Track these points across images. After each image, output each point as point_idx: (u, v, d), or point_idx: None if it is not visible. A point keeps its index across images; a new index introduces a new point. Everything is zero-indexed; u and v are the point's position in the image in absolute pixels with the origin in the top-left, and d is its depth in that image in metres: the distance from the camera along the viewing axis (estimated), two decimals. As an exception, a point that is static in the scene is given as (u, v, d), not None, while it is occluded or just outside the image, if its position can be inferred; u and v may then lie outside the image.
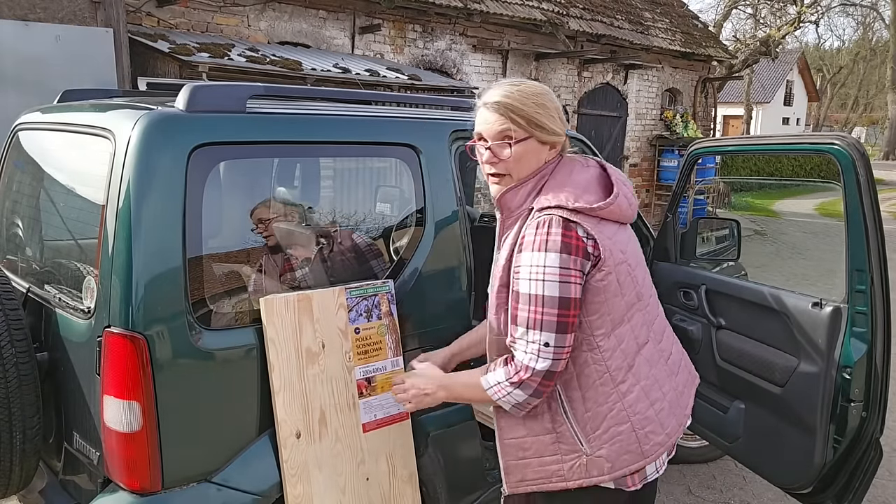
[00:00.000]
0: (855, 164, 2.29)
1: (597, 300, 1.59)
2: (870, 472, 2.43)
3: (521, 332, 1.58)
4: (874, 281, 2.30)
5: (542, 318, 1.55)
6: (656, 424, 1.69)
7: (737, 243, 3.41)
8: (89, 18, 5.11)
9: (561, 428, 1.66)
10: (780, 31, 19.19)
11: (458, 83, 8.22)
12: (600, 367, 1.63)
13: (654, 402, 1.69)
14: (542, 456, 1.69)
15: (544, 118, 1.63)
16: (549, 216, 1.57)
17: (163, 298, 1.82)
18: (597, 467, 1.65)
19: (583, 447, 1.65)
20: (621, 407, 1.64)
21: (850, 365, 2.32)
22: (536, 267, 1.55)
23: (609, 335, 1.63)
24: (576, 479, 1.67)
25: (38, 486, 2.22)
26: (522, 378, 1.58)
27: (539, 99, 1.63)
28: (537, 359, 1.56)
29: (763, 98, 33.62)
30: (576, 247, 1.55)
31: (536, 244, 1.55)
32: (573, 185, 1.62)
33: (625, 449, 1.65)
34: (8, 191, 2.66)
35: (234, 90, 2.05)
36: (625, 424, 1.65)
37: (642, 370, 1.68)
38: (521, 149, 1.63)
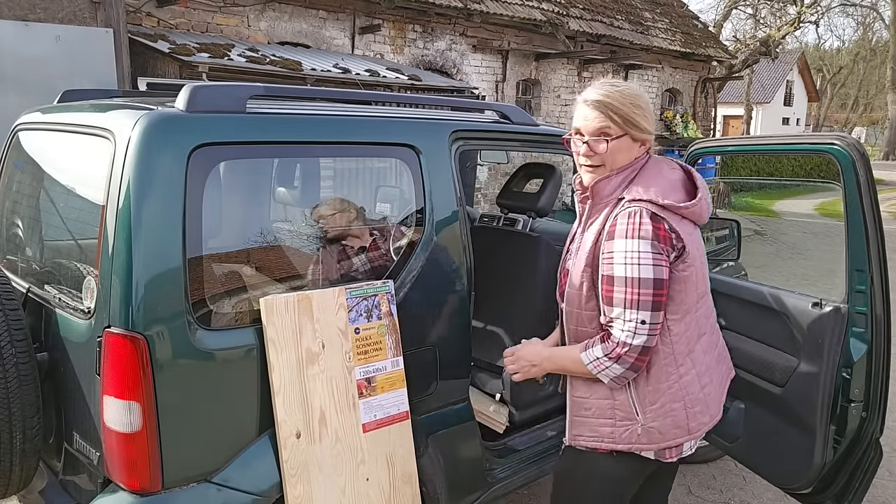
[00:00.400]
0: (855, 164, 2.29)
1: (676, 288, 1.77)
2: (870, 472, 2.43)
3: (619, 312, 1.73)
4: (874, 281, 2.30)
5: (638, 299, 1.70)
6: (704, 406, 1.88)
7: (737, 243, 3.41)
8: (89, 18, 5.12)
9: (620, 397, 1.83)
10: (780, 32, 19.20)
11: (458, 83, 8.22)
12: (667, 349, 1.80)
13: (705, 386, 1.88)
14: (599, 418, 1.87)
15: (639, 118, 1.78)
16: (640, 208, 1.73)
17: (163, 298, 1.82)
18: (648, 436, 1.84)
19: (638, 417, 1.83)
20: (679, 387, 1.83)
21: (850, 365, 2.32)
22: (631, 252, 1.70)
23: (680, 321, 1.81)
24: (626, 443, 1.85)
25: (38, 486, 2.22)
26: (620, 353, 1.74)
27: (636, 100, 1.78)
28: (634, 335, 1.72)
29: (763, 98, 33.62)
30: (664, 237, 1.72)
31: (630, 232, 1.71)
32: (662, 183, 1.78)
33: (675, 424, 1.84)
34: (8, 191, 2.66)
35: (234, 90, 2.05)
36: (678, 402, 1.83)
37: (699, 357, 1.86)
38: (616, 145, 1.78)
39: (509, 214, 3.67)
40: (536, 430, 2.95)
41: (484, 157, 4.74)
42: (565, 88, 10.49)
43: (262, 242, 2.29)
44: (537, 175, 3.39)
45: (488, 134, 2.73)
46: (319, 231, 2.48)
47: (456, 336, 2.47)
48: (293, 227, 2.57)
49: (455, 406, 2.51)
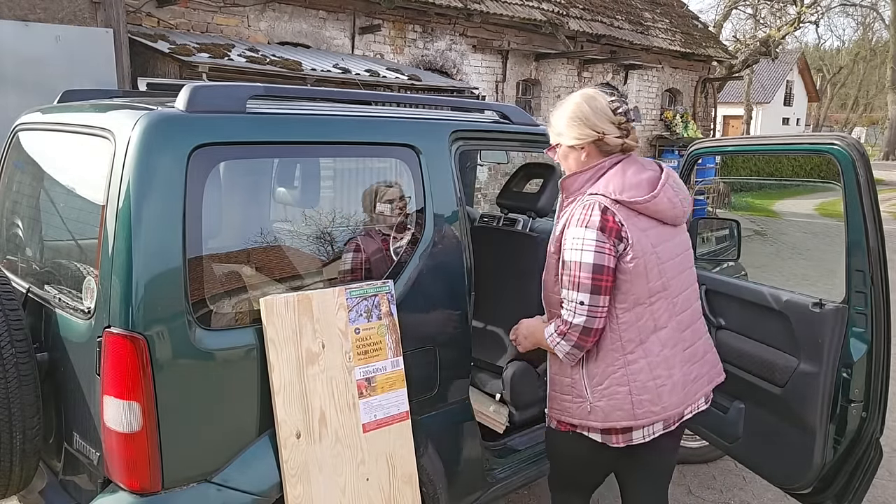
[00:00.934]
0: (855, 164, 2.29)
1: (623, 278, 1.91)
2: (870, 472, 2.43)
3: (565, 294, 1.94)
4: (874, 281, 2.30)
5: (579, 281, 1.89)
6: (654, 395, 1.98)
7: (737, 243, 3.41)
8: (89, 19, 5.11)
9: (575, 376, 2.03)
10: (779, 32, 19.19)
11: (458, 83, 8.22)
12: (615, 335, 1.96)
13: (657, 377, 1.98)
14: (562, 394, 2.08)
15: (567, 128, 2.00)
16: (594, 201, 1.91)
17: (163, 298, 1.82)
18: (594, 414, 2.00)
19: (587, 395, 2.00)
20: (624, 372, 1.96)
21: (850, 365, 2.32)
22: (577, 239, 1.90)
23: (629, 311, 1.94)
24: (578, 418, 2.04)
25: (38, 486, 2.22)
26: (564, 331, 1.94)
27: (566, 113, 2.00)
28: (574, 314, 1.91)
29: (763, 98, 33.60)
30: (610, 228, 1.88)
31: (580, 221, 1.90)
32: (623, 182, 1.94)
33: (619, 407, 1.98)
34: (8, 191, 2.66)
35: (234, 90, 2.05)
36: (624, 387, 1.97)
37: (653, 348, 1.98)
38: (558, 153, 2.07)
39: (509, 214, 3.67)
40: (536, 430, 2.95)
41: (484, 157, 4.74)
42: (565, 88, 10.49)
43: (262, 242, 2.28)
44: (537, 175, 3.39)
45: (488, 134, 2.73)
46: (372, 218, 2.54)
47: (456, 336, 2.47)
48: (293, 227, 2.57)
49: (455, 406, 2.51)
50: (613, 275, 1.89)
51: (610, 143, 1.98)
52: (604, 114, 1.97)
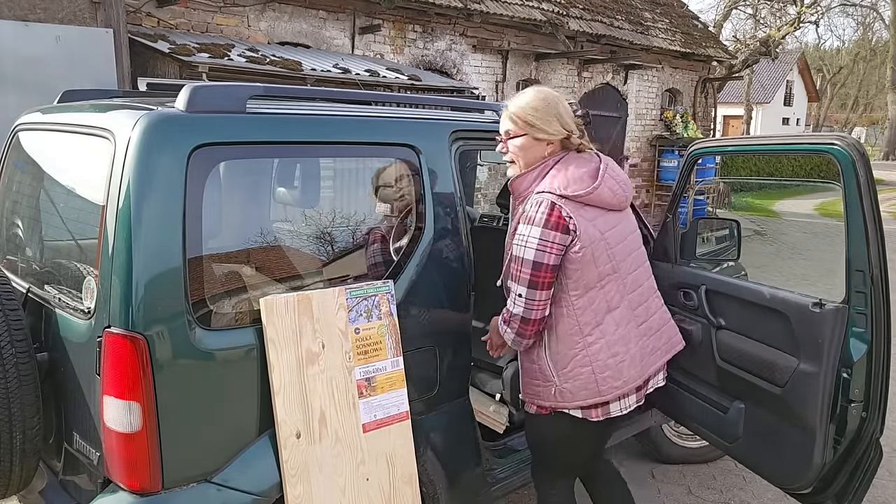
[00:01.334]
0: (855, 164, 2.29)
1: (573, 267, 2.05)
2: (870, 472, 2.43)
3: (510, 284, 2.10)
4: (874, 281, 2.29)
5: (520, 275, 2.04)
6: (615, 371, 2.15)
7: (737, 243, 3.40)
8: (89, 19, 5.11)
9: (540, 362, 2.18)
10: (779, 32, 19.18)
11: (458, 83, 8.22)
12: (572, 321, 2.11)
13: (616, 354, 2.15)
14: (532, 380, 2.22)
15: (537, 121, 2.08)
16: (542, 198, 2.03)
17: (163, 298, 1.82)
18: (562, 396, 2.16)
19: (554, 378, 2.15)
20: (585, 354, 2.12)
21: (850, 365, 2.32)
22: (523, 236, 2.03)
23: (582, 296, 2.09)
24: (550, 401, 2.19)
25: (38, 486, 2.22)
26: (507, 319, 2.13)
27: (537, 104, 2.09)
28: (514, 305, 2.09)
29: (763, 98, 33.60)
30: (556, 223, 2.00)
31: (527, 218, 2.03)
32: (567, 176, 2.06)
33: (584, 386, 2.14)
34: (8, 191, 2.66)
35: (234, 90, 2.05)
36: (586, 367, 2.13)
37: (609, 328, 2.14)
38: (519, 142, 2.12)
39: (509, 214, 3.67)
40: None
41: (484, 157, 4.75)
42: (565, 88, 10.49)
43: (262, 242, 2.28)
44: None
45: (488, 134, 2.73)
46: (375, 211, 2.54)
47: (456, 336, 2.47)
48: (293, 227, 2.57)
49: (455, 406, 2.51)
50: (552, 271, 2.03)
51: (573, 143, 2.12)
52: (571, 114, 2.13)
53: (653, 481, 3.60)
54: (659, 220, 4.35)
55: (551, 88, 2.18)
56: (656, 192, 12.27)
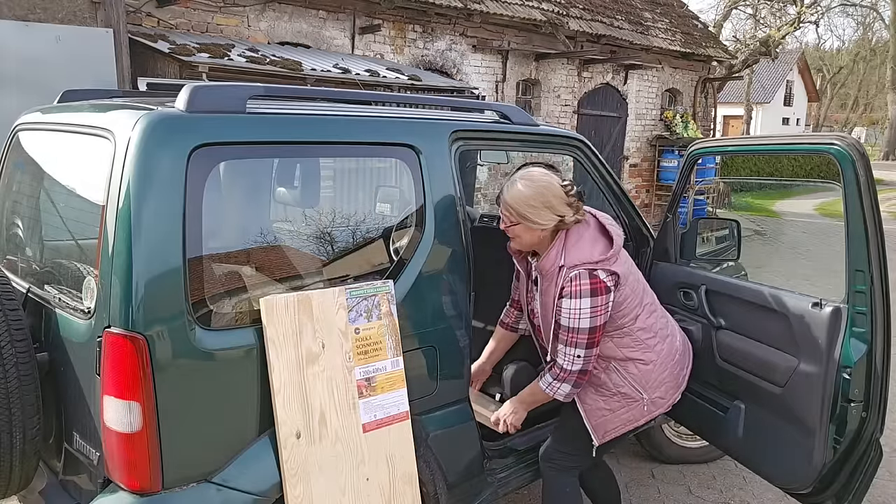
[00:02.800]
0: (855, 164, 2.29)
1: (625, 304, 2.31)
2: (870, 472, 2.43)
3: (562, 349, 2.27)
4: (874, 281, 2.29)
5: (576, 341, 2.24)
6: (682, 363, 2.51)
7: (737, 243, 3.40)
8: (89, 19, 5.12)
9: (624, 389, 2.38)
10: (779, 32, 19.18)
11: (458, 83, 8.22)
12: (638, 343, 2.37)
13: (676, 349, 2.48)
14: (615, 411, 2.40)
15: (530, 214, 2.24)
16: (577, 272, 2.21)
17: (163, 298, 1.82)
18: (655, 405, 2.42)
19: (643, 395, 2.39)
20: (659, 362, 2.40)
21: (850, 365, 2.32)
22: (573, 310, 2.21)
23: (635, 320, 2.36)
24: (643, 417, 2.43)
25: (38, 486, 2.22)
26: (564, 377, 2.29)
27: (529, 200, 2.23)
28: (572, 363, 2.27)
29: (763, 98, 33.60)
30: (600, 289, 2.21)
31: (573, 293, 2.20)
32: (587, 244, 2.26)
33: (670, 386, 2.45)
34: (8, 191, 2.66)
35: (234, 90, 2.05)
36: (665, 371, 2.42)
37: (661, 330, 2.43)
38: (515, 230, 2.31)
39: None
40: (536, 430, 2.95)
41: (484, 157, 4.74)
42: (565, 88, 10.49)
43: (263, 242, 2.28)
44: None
45: (488, 134, 2.73)
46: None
47: (456, 336, 2.47)
48: (293, 227, 2.57)
49: (455, 406, 2.52)
50: (604, 327, 2.27)
51: (567, 223, 2.27)
52: (562, 199, 2.25)
53: (653, 481, 3.60)
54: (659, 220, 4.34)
55: (542, 170, 2.33)
56: (656, 192, 12.27)
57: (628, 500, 3.34)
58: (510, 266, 2.69)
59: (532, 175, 2.30)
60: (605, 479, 2.85)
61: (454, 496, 2.50)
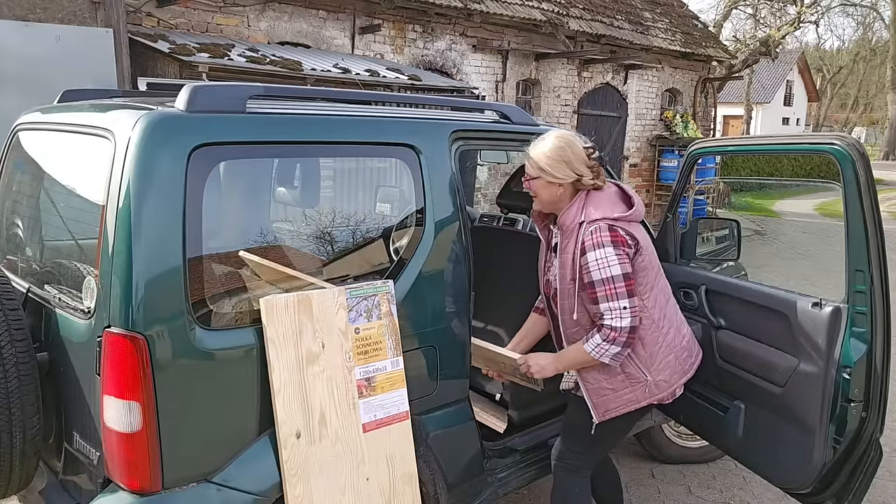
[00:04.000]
0: (855, 164, 2.29)
1: (641, 275, 2.28)
2: (869, 472, 2.43)
3: (605, 307, 2.19)
4: (874, 281, 2.30)
5: (616, 291, 2.18)
6: (688, 350, 2.47)
7: (737, 243, 3.40)
8: (89, 19, 5.12)
9: (629, 369, 2.33)
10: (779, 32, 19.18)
11: (458, 83, 8.22)
12: (648, 321, 2.31)
13: (684, 336, 2.46)
14: (618, 391, 2.35)
15: (550, 168, 2.26)
16: (597, 225, 2.21)
17: (163, 298, 1.82)
18: (658, 388, 2.37)
19: (647, 377, 2.35)
20: (666, 343, 2.37)
21: (850, 365, 2.32)
22: (600, 259, 2.18)
23: (650, 297, 2.32)
24: (645, 399, 2.37)
25: (38, 486, 2.22)
26: (615, 336, 2.19)
27: (551, 153, 2.26)
28: (621, 319, 2.18)
29: (763, 98, 33.59)
30: (621, 241, 2.21)
31: (595, 244, 2.19)
32: (606, 203, 2.28)
33: (674, 371, 2.40)
34: (8, 191, 2.66)
35: (234, 90, 2.05)
36: (671, 354, 2.38)
37: (672, 315, 2.42)
38: (533, 184, 2.33)
39: (509, 214, 3.67)
40: (536, 430, 2.95)
41: (484, 157, 4.75)
42: (565, 88, 10.49)
43: (262, 242, 2.28)
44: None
45: (488, 134, 2.73)
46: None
47: (456, 336, 2.47)
48: (293, 227, 2.57)
49: (455, 406, 2.52)
50: (633, 279, 2.21)
51: (584, 184, 2.28)
52: (582, 159, 2.27)
53: (653, 481, 3.60)
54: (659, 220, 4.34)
55: (568, 131, 2.37)
56: (656, 192, 12.26)
57: (628, 500, 3.34)
58: (510, 266, 2.69)
59: (558, 132, 2.35)
60: (612, 486, 2.82)
61: (454, 496, 2.50)
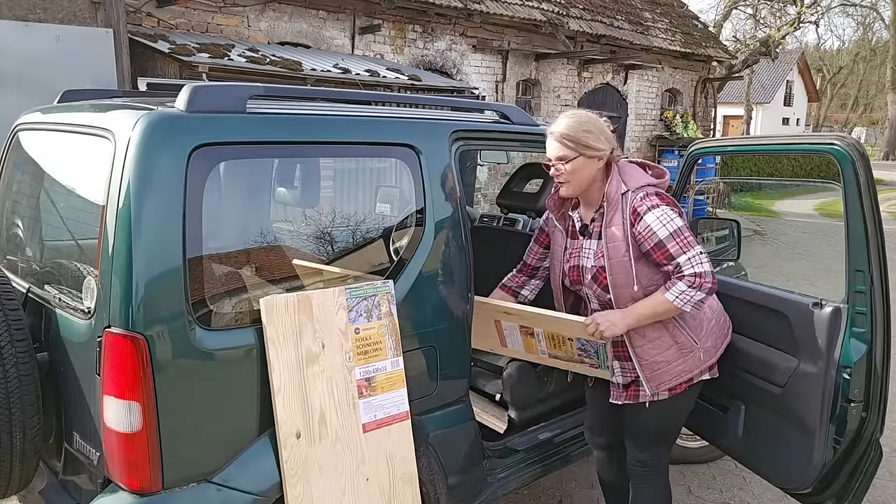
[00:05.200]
0: (855, 164, 2.29)
1: None
2: (869, 472, 2.43)
3: (682, 258, 2.16)
4: (874, 281, 2.30)
5: (686, 241, 2.17)
6: (723, 314, 2.50)
7: (737, 243, 3.41)
8: (89, 19, 5.12)
9: (680, 339, 2.32)
10: (779, 32, 19.19)
11: (458, 83, 8.23)
12: None
13: (716, 303, 2.45)
14: (671, 363, 2.33)
15: (591, 140, 2.23)
16: (644, 191, 2.23)
17: (163, 298, 1.82)
18: (707, 354, 2.38)
19: (697, 344, 2.34)
20: (708, 308, 2.37)
21: (850, 365, 2.32)
22: (662, 217, 2.18)
23: None
24: (697, 368, 2.36)
25: (38, 486, 2.22)
26: (702, 282, 2.16)
27: (587, 126, 2.24)
28: (703, 264, 2.16)
29: (763, 98, 33.59)
30: (670, 203, 2.23)
31: (650, 206, 2.20)
32: (638, 173, 2.29)
33: (718, 334, 2.43)
34: (8, 191, 2.66)
35: (234, 90, 2.05)
36: (713, 320, 2.40)
37: None
38: (573, 165, 2.25)
39: (509, 214, 3.67)
40: (536, 430, 2.95)
41: (484, 157, 4.75)
42: (565, 88, 10.49)
43: (263, 242, 2.29)
44: (537, 175, 3.40)
45: (488, 134, 2.73)
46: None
47: (456, 336, 2.47)
48: (293, 227, 2.57)
49: (455, 406, 2.51)
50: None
51: (615, 155, 2.29)
52: (608, 129, 2.28)
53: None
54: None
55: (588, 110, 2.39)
56: (656, 192, 12.23)
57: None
58: (510, 266, 2.69)
59: (573, 110, 2.34)
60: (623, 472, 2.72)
61: (454, 496, 2.50)
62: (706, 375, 2.42)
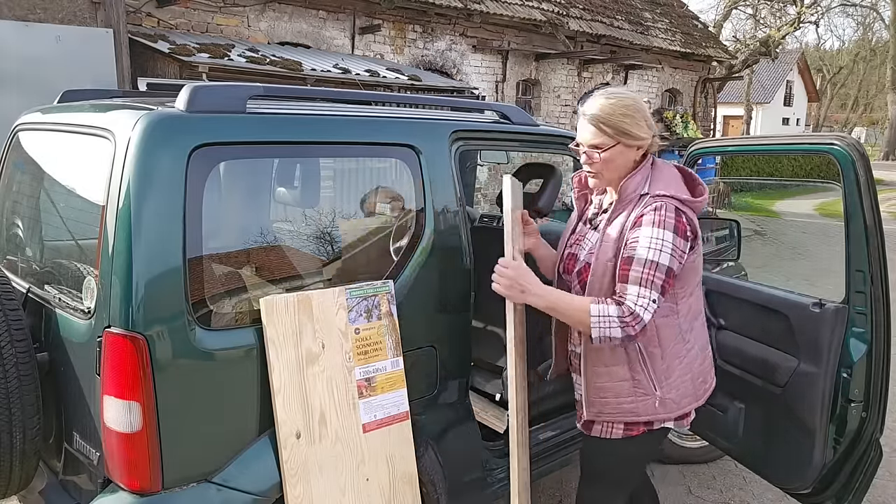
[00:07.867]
0: (855, 164, 2.29)
1: (686, 275, 1.97)
2: (870, 472, 2.43)
3: (634, 289, 1.84)
4: (874, 281, 2.30)
5: (653, 280, 1.84)
6: (707, 375, 2.15)
7: (737, 243, 3.41)
8: (89, 19, 5.12)
9: (639, 376, 2.00)
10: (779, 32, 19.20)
11: (458, 83, 8.23)
12: (674, 329, 2.00)
13: (705, 358, 2.13)
14: (619, 397, 2.03)
15: (630, 126, 1.92)
16: (664, 203, 1.89)
17: (163, 298, 1.82)
18: (665, 406, 2.03)
19: (656, 391, 2.00)
20: (687, 361, 2.04)
21: (850, 365, 2.32)
22: (657, 240, 1.85)
23: (685, 302, 2.01)
24: (647, 415, 2.03)
25: (38, 486, 2.22)
26: (629, 322, 1.83)
27: (627, 110, 1.92)
28: (645, 311, 1.83)
29: (763, 98, 33.60)
30: (683, 231, 1.89)
31: (657, 222, 1.86)
32: (676, 181, 1.96)
33: (687, 393, 2.06)
34: (8, 191, 2.66)
35: (234, 90, 2.05)
36: (688, 375, 2.05)
37: (699, 332, 2.10)
38: (609, 154, 1.95)
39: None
40: (536, 430, 2.95)
41: (484, 157, 4.75)
42: (565, 88, 10.49)
43: (263, 242, 2.28)
44: (537, 175, 3.39)
45: (488, 134, 2.73)
46: None
47: (456, 336, 2.47)
48: (293, 227, 2.57)
49: (455, 406, 2.51)
50: (675, 279, 1.92)
51: (653, 146, 2.00)
52: (649, 113, 1.99)
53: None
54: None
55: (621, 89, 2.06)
56: (656, 192, 12.24)
57: (628, 500, 3.34)
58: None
59: (610, 88, 2.01)
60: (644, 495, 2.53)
61: (454, 496, 2.50)
62: (670, 424, 2.09)
